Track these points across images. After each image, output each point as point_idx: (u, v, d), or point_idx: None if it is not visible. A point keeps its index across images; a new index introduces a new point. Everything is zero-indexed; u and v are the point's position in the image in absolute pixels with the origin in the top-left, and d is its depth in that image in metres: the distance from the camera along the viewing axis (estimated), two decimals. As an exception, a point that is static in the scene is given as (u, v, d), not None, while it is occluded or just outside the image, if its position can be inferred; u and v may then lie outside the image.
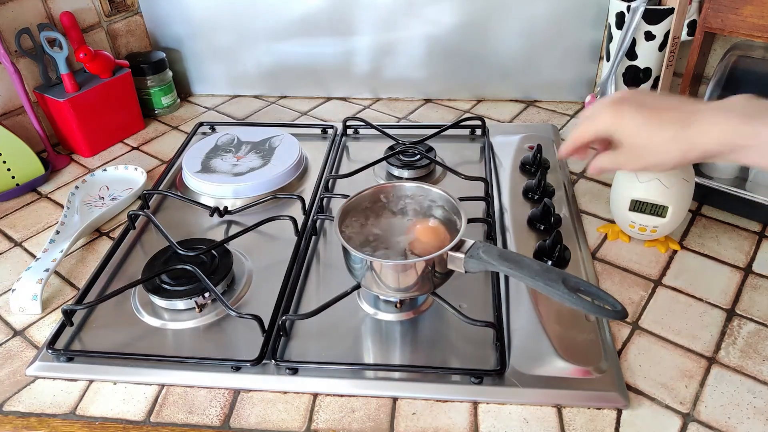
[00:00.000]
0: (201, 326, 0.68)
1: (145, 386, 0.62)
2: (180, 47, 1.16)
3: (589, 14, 1.02)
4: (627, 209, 0.74)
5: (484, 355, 0.63)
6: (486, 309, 0.67)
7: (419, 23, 1.07)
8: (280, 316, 0.66)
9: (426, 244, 0.64)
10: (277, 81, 1.18)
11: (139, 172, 0.94)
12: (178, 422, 0.59)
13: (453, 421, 0.58)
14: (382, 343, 0.66)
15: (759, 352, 0.63)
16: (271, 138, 0.97)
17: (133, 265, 0.77)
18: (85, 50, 0.96)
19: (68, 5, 1.01)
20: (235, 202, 0.87)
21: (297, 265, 0.74)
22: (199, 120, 1.11)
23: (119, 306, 0.70)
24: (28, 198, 0.93)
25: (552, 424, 0.57)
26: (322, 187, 0.89)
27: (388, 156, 0.91)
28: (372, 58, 1.12)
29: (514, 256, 0.58)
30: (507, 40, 1.07)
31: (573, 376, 0.60)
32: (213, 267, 0.72)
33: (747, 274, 0.73)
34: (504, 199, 0.85)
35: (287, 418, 0.59)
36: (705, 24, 0.83)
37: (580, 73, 1.08)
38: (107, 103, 1.02)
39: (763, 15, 0.77)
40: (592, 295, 0.54)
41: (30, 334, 0.70)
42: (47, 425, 0.60)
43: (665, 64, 0.92)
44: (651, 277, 0.73)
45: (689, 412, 0.58)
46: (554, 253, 0.72)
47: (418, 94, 1.16)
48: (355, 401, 0.60)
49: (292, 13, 1.09)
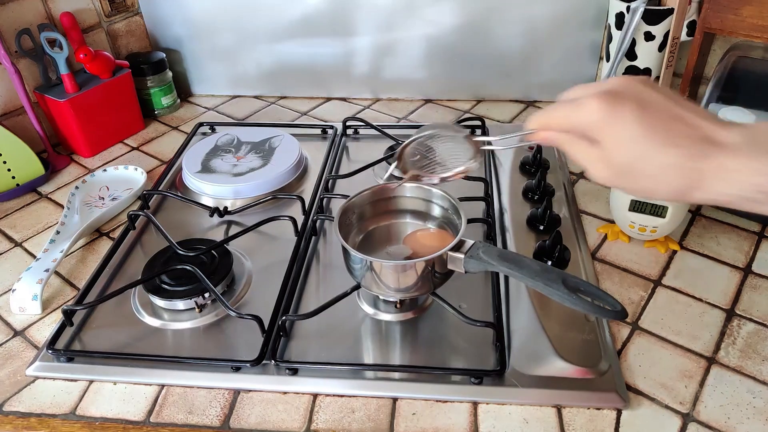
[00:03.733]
0: (201, 326, 0.68)
1: (144, 386, 0.62)
2: (180, 48, 1.16)
3: (589, 14, 1.02)
4: (627, 209, 0.74)
5: (484, 355, 0.63)
6: (486, 309, 0.67)
7: (419, 23, 1.07)
8: (280, 317, 0.66)
9: (426, 247, 0.64)
10: (277, 81, 1.18)
11: (139, 173, 0.94)
12: (177, 422, 0.59)
13: (453, 422, 0.58)
14: (382, 343, 0.66)
15: (758, 352, 0.63)
16: (271, 138, 0.97)
17: (133, 266, 0.77)
18: (86, 51, 0.96)
19: (68, 5, 1.01)
20: (235, 202, 0.87)
21: (297, 265, 0.74)
22: (199, 120, 1.11)
23: (119, 306, 0.71)
24: (28, 198, 0.93)
25: (552, 425, 0.57)
26: (322, 187, 0.89)
27: (388, 156, 0.91)
28: (372, 59, 1.12)
29: (514, 256, 0.58)
30: (507, 41, 1.07)
31: (573, 376, 0.60)
32: (213, 267, 0.72)
33: (747, 274, 0.73)
34: (504, 200, 0.85)
35: (287, 418, 0.59)
36: (705, 24, 0.83)
37: (580, 73, 1.08)
38: (107, 104, 1.02)
39: (762, 15, 0.77)
40: (591, 295, 0.54)
41: (30, 334, 0.70)
42: (47, 425, 0.60)
43: (665, 64, 0.92)
44: (651, 277, 0.73)
45: (689, 412, 0.58)
46: (554, 253, 0.72)
47: (418, 95, 1.16)
48: (355, 401, 0.60)
49: (292, 13, 1.09)
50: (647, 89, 0.40)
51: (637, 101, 0.40)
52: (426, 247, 0.63)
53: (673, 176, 0.39)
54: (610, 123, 0.40)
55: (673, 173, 0.39)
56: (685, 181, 0.39)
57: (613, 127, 0.40)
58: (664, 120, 0.39)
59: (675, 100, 0.40)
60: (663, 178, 0.39)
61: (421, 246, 0.64)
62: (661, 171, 0.39)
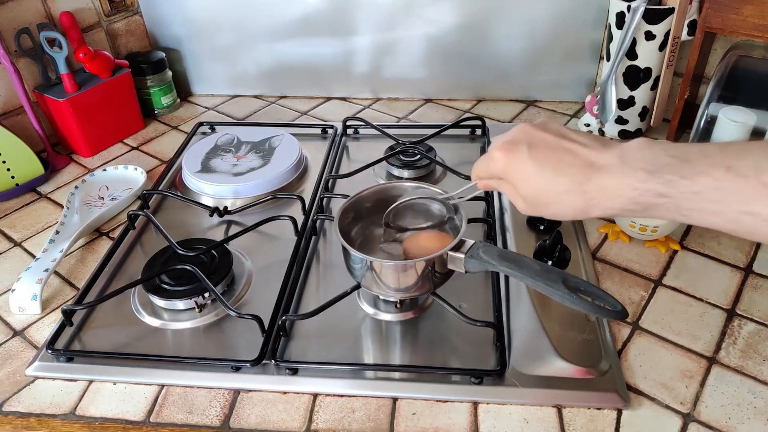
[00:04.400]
0: (201, 326, 0.68)
1: (144, 386, 0.62)
2: (180, 47, 1.16)
3: (589, 14, 1.02)
4: (627, 209, 0.74)
5: (484, 355, 0.63)
6: (486, 309, 0.67)
7: (419, 23, 1.07)
8: (280, 316, 0.66)
9: (425, 249, 0.63)
10: (277, 81, 1.18)
11: (138, 172, 0.94)
12: (177, 422, 0.59)
13: (453, 422, 0.57)
14: (382, 343, 0.66)
15: (759, 353, 0.63)
16: (271, 138, 0.97)
17: (133, 265, 0.77)
18: (85, 50, 0.96)
19: (68, 5, 1.01)
20: (234, 202, 0.87)
21: (297, 265, 0.74)
22: (198, 120, 1.11)
23: (119, 306, 0.70)
24: (27, 198, 0.93)
25: (552, 425, 0.57)
26: (322, 187, 0.89)
27: (388, 156, 0.91)
28: (372, 58, 1.12)
29: (514, 256, 0.57)
30: (507, 40, 1.07)
31: (573, 376, 0.60)
32: (213, 267, 0.72)
33: (747, 274, 0.73)
34: (504, 199, 0.85)
35: (287, 418, 0.59)
36: (705, 24, 0.83)
37: (580, 73, 1.08)
38: (107, 103, 1.02)
39: (763, 15, 0.77)
40: (592, 295, 0.54)
41: (30, 334, 0.70)
42: (47, 425, 0.60)
43: (665, 64, 0.92)
44: (651, 277, 0.73)
45: (689, 412, 0.58)
46: (554, 253, 0.72)
47: (418, 94, 1.16)
48: (355, 401, 0.60)
49: (292, 13, 1.09)
50: (538, 132, 0.48)
51: (528, 144, 0.48)
52: (425, 249, 0.63)
53: (570, 200, 0.46)
54: (511, 166, 0.49)
55: (568, 197, 0.46)
56: (580, 202, 0.45)
57: (514, 169, 0.49)
58: (552, 154, 0.47)
59: (562, 134, 0.48)
60: (564, 203, 0.46)
61: (420, 248, 0.64)
62: (559, 197, 0.46)
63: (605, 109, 0.95)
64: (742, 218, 0.40)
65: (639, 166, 0.43)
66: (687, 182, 0.41)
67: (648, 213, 0.44)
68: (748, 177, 0.39)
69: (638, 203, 0.43)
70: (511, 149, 0.48)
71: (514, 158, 0.48)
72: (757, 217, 0.39)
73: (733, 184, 0.39)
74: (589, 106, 1.00)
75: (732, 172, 0.39)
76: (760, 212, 0.39)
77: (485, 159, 0.52)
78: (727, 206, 0.40)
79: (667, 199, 0.42)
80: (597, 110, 0.97)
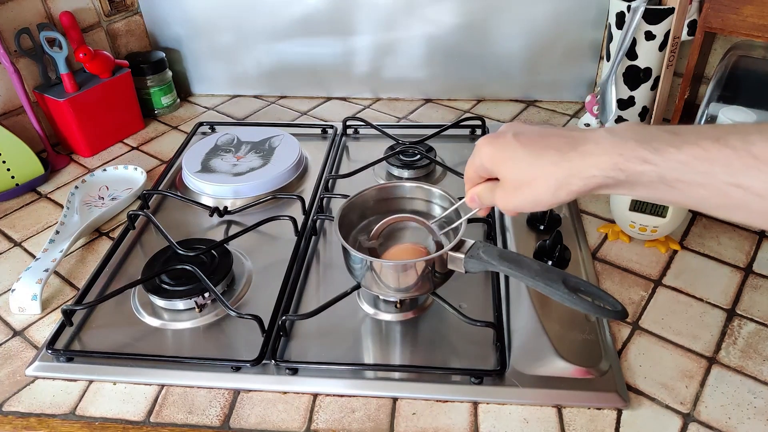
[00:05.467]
0: (201, 326, 0.68)
1: (144, 386, 0.62)
2: (180, 47, 1.16)
3: (589, 14, 1.02)
4: (627, 209, 0.74)
5: (484, 355, 0.63)
6: (486, 309, 0.67)
7: (419, 23, 1.07)
8: (280, 316, 0.66)
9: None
10: (277, 81, 1.18)
11: (138, 172, 0.94)
12: (177, 422, 0.59)
13: (453, 422, 0.57)
14: (382, 343, 0.66)
15: (759, 353, 0.63)
16: (271, 138, 0.97)
17: (133, 265, 0.77)
18: (85, 50, 0.96)
19: (68, 5, 1.01)
20: (234, 202, 0.87)
21: (297, 265, 0.74)
22: (198, 120, 1.11)
23: (119, 306, 0.70)
24: (27, 198, 0.93)
25: (552, 425, 0.57)
26: (322, 187, 0.89)
27: (388, 156, 0.91)
28: (372, 58, 1.12)
29: (514, 256, 0.57)
30: (507, 40, 1.07)
31: (573, 376, 0.60)
32: (213, 267, 0.72)
33: (747, 274, 0.73)
34: (504, 199, 0.85)
35: (287, 418, 0.59)
36: (705, 24, 0.83)
37: (580, 73, 1.08)
38: (107, 103, 1.02)
39: (763, 15, 0.77)
40: (592, 295, 0.54)
41: (30, 334, 0.70)
42: (47, 425, 0.60)
43: (665, 64, 0.92)
44: (651, 277, 0.73)
45: (689, 412, 0.58)
46: (554, 253, 0.72)
47: (418, 94, 1.16)
48: (355, 401, 0.60)
49: (292, 13, 1.09)
50: (522, 126, 0.50)
51: (513, 133, 0.49)
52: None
53: (552, 171, 0.46)
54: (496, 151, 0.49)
55: (552, 169, 0.46)
56: (562, 171, 0.45)
57: (500, 153, 0.49)
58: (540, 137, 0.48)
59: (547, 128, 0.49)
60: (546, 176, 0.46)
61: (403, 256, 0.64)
62: (543, 171, 0.46)
63: (605, 109, 0.95)
64: (730, 191, 0.39)
65: (628, 136, 0.43)
66: (674, 150, 0.40)
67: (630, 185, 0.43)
68: (737, 148, 0.38)
69: (622, 170, 0.42)
70: (496, 138, 0.49)
71: (499, 144, 0.49)
72: (747, 190, 0.38)
73: (720, 154, 0.39)
74: (589, 106, 1.00)
75: (720, 143, 0.39)
76: (750, 185, 0.38)
77: (472, 155, 0.52)
78: (714, 177, 0.39)
79: (651, 167, 0.41)
80: (597, 110, 0.97)
